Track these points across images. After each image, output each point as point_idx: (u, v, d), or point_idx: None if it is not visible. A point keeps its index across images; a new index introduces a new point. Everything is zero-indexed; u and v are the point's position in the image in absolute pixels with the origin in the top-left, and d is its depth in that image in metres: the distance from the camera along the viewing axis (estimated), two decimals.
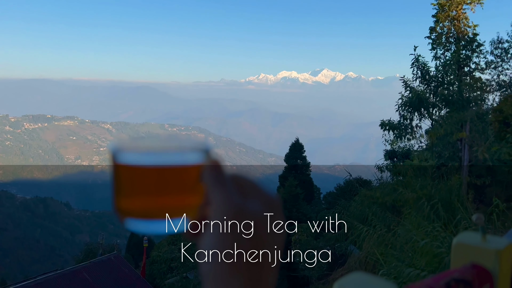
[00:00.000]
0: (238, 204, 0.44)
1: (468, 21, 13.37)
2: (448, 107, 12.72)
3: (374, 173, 14.42)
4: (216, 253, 0.43)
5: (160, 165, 0.47)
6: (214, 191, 0.46)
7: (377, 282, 0.64)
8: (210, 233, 0.44)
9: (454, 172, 11.91)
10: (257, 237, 0.44)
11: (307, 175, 30.61)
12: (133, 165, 0.47)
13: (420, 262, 4.96)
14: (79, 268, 18.21)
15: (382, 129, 13.20)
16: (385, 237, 7.46)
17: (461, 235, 0.90)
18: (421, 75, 13.04)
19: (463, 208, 6.95)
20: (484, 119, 13.19)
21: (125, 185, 0.48)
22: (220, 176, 0.46)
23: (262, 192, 0.47)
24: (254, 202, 0.46)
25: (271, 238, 0.45)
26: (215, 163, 0.47)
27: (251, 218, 0.44)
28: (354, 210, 10.40)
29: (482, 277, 0.81)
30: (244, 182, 0.48)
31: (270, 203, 0.47)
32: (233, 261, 0.43)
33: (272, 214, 0.46)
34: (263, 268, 0.44)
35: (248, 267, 0.43)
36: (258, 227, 0.44)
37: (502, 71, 17.10)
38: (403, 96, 13.14)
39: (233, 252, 0.43)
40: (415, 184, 8.96)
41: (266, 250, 0.45)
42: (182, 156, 0.47)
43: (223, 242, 0.43)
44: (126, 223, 0.48)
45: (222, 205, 0.44)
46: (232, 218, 0.43)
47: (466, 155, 12.32)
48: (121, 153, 0.47)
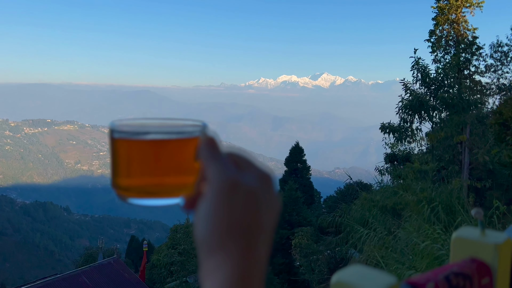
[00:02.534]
0: (233, 176, 0.46)
1: (468, 24, 13.41)
2: (448, 110, 12.72)
3: (374, 176, 14.40)
4: (211, 221, 0.44)
5: (156, 139, 0.48)
6: (210, 165, 0.47)
7: (376, 274, 0.64)
8: (205, 203, 0.45)
9: (455, 175, 11.89)
10: (252, 208, 0.45)
11: (307, 178, 30.59)
12: (130, 139, 0.48)
13: (421, 264, 4.95)
14: (79, 272, 18.15)
15: (383, 132, 13.20)
16: (386, 240, 7.43)
17: (460, 229, 0.90)
18: (421, 78, 13.04)
19: (463, 211, 6.93)
20: (484, 122, 13.19)
21: (122, 161, 0.49)
22: (215, 151, 0.48)
23: (257, 167, 0.48)
24: (249, 176, 0.47)
25: (265, 210, 0.46)
26: (210, 139, 0.49)
27: (246, 190, 0.45)
28: (355, 214, 10.37)
29: (481, 271, 0.81)
30: (239, 157, 0.49)
31: (265, 177, 0.48)
32: (228, 229, 0.44)
33: (266, 187, 0.47)
34: (259, 237, 0.45)
35: (243, 235, 0.44)
36: (252, 199, 0.45)
37: (502, 74, 17.10)
38: (404, 99, 13.14)
39: (228, 221, 0.44)
40: (415, 187, 8.93)
41: (261, 220, 0.46)
42: (178, 131, 0.49)
43: (218, 211, 0.44)
44: (123, 200, 0.50)
45: (218, 177, 0.46)
46: (227, 189, 0.45)
47: (466, 158, 12.31)
48: (118, 128, 0.48)
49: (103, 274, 18.42)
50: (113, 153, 0.49)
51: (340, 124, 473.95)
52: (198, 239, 0.45)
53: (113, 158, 0.49)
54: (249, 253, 0.44)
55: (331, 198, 28.81)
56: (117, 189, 0.49)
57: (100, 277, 18.09)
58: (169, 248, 21.04)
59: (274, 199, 0.48)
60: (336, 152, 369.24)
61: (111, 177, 0.50)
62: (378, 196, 10.16)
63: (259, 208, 0.46)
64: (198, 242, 0.45)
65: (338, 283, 0.62)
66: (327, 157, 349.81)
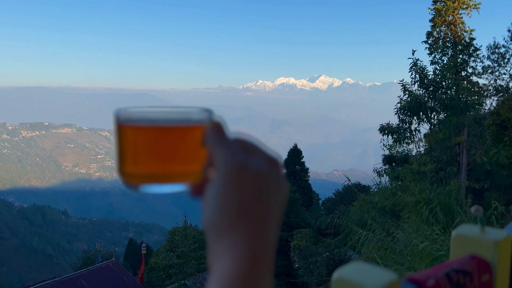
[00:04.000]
0: (241, 159, 0.46)
1: (465, 26, 13.47)
2: (447, 111, 12.75)
3: (372, 178, 14.41)
4: (220, 204, 0.44)
5: (163, 126, 0.48)
6: (217, 150, 0.47)
7: (377, 271, 0.63)
8: (214, 187, 0.45)
9: (453, 176, 11.90)
10: (260, 191, 0.45)
11: (306, 181, 30.58)
12: (137, 125, 0.48)
13: (420, 265, 4.95)
14: (77, 275, 18.07)
15: (381, 133, 13.21)
16: (385, 241, 7.42)
17: (460, 227, 0.90)
18: (419, 79, 13.08)
19: (462, 212, 6.93)
20: (481, 123, 13.22)
21: (129, 148, 0.49)
22: (222, 136, 0.48)
23: (265, 152, 0.48)
24: (257, 160, 0.47)
25: (274, 194, 0.46)
26: (217, 124, 0.49)
27: (254, 173, 0.45)
28: (353, 215, 10.36)
29: (481, 268, 0.82)
30: (247, 142, 0.49)
31: (273, 161, 0.48)
32: (238, 211, 0.44)
33: (274, 172, 0.47)
34: (268, 220, 0.45)
35: (253, 217, 0.44)
36: (261, 182, 0.45)
37: (499, 76, 17.13)
38: (402, 100, 13.16)
39: (237, 203, 0.44)
40: (414, 189, 8.93)
41: (270, 204, 0.45)
42: (185, 118, 0.49)
43: (227, 194, 0.44)
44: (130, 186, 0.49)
45: (225, 161, 0.45)
46: (235, 173, 0.45)
47: (464, 159, 12.33)
48: (125, 115, 0.48)
49: (102, 277, 18.35)
50: (119, 140, 0.49)
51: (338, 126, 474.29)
52: (207, 223, 0.45)
53: (120, 145, 0.49)
54: (259, 235, 0.44)
55: (329, 200, 28.84)
56: (123, 176, 0.49)
57: (99, 280, 18.02)
58: (167, 251, 20.98)
59: (282, 184, 0.48)
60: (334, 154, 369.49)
61: (117, 164, 0.49)
62: (376, 198, 10.15)
63: (267, 191, 0.45)
64: (207, 226, 0.45)
65: (339, 280, 0.62)
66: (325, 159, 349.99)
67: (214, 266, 0.43)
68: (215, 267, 0.43)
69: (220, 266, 0.42)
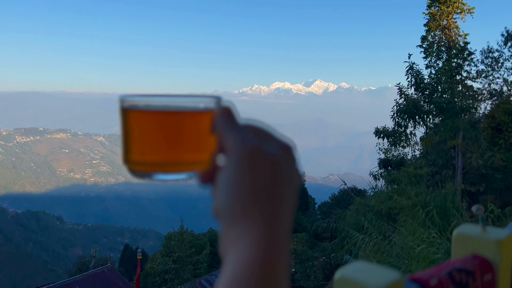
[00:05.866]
0: (254, 143, 0.44)
1: (459, 30, 13.58)
2: (442, 114, 12.83)
3: (368, 182, 14.43)
4: (234, 189, 0.42)
5: (171, 111, 0.47)
6: (228, 135, 0.45)
7: (379, 270, 0.63)
8: (226, 172, 0.44)
9: (448, 180, 11.94)
10: (274, 176, 0.43)
11: (302, 185, 30.62)
12: (144, 110, 0.46)
13: (417, 268, 4.95)
14: (71, 281, 17.93)
15: (377, 137, 13.25)
16: (381, 245, 7.43)
17: (461, 226, 0.90)
18: (415, 83, 13.16)
19: (458, 214, 6.95)
20: (476, 127, 13.31)
21: (135, 134, 0.47)
22: (233, 121, 0.47)
23: (277, 137, 0.47)
24: (270, 144, 0.45)
25: (287, 180, 0.44)
26: (227, 109, 0.47)
27: (268, 157, 0.43)
28: (349, 219, 10.36)
29: (483, 267, 0.81)
30: (259, 128, 0.47)
31: (286, 147, 0.46)
32: (252, 196, 0.42)
33: (288, 157, 0.46)
34: (282, 206, 0.43)
35: (267, 202, 0.42)
36: (275, 166, 0.43)
37: (493, 80, 17.28)
38: (398, 103, 13.23)
39: (251, 187, 0.42)
40: (410, 192, 8.95)
41: (284, 189, 0.44)
42: (193, 104, 0.47)
43: (240, 178, 0.42)
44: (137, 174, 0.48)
45: (238, 145, 0.44)
46: (248, 156, 0.43)
47: (460, 163, 12.38)
48: (132, 100, 0.47)
49: (97, 282, 18.21)
50: (125, 126, 0.47)
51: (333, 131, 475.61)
52: (219, 209, 0.43)
53: (125, 132, 0.47)
54: (275, 220, 0.42)
55: (325, 204, 28.83)
56: (129, 164, 0.47)
57: (94, 286, 17.87)
58: (163, 256, 20.87)
59: (296, 169, 0.46)
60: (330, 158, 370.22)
61: (123, 152, 0.48)
62: (373, 201, 10.16)
63: (282, 176, 0.44)
64: (219, 213, 0.43)
65: (342, 279, 0.61)
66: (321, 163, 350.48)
67: (228, 254, 0.41)
68: (229, 255, 0.41)
69: (235, 253, 0.40)
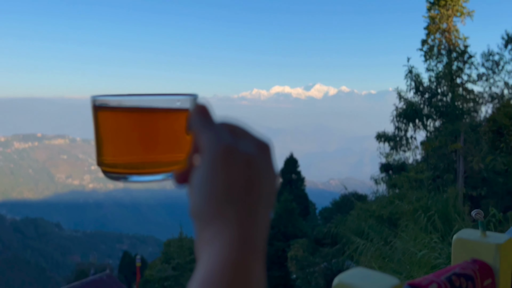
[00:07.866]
0: (229, 142, 0.42)
1: (459, 33, 13.56)
2: (443, 118, 12.77)
3: (369, 187, 14.36)
4: (207, 189, 0.41)
5: (144, 108, 0.45)
6: (203, 134, 0.44)
7: (378, 276, 0.63)
8: (200, 172, 0.42)
9: (450, 184, 11.87)
10: (249, 175, 0.42)
11: (302, 190, 30.48)
12: (116, 110, 0.45)
13: (419, 273, 4.90)
14: None
15: (378, 141, 13.19)
16: (383, 250, 7.37)
17: (461, 231, 0.91)
18: (414, 86, 13.13)
19: (460, 219, 6.89)
20: (477, 130, 13.26)
21: (107, 135, 0.45)
22: (208, 120, 0.45)
23: (254, 135, 0.45)
24: (246, 143, 0.44)
25: (263, 178, 0.43)
26: (202, 107, 0.46)
27: (242, 156, 0.42)
28: (351, 224, 10.30)
29: (483, 272, 0.82)
30: (235, 126, 0.45)
31: (263, 145, 0.45)
32: (225, 196, 0.40)
33: (264, 155, 0.44)
34: (257, 205, 0.42)
35: (241, 202, 0.41)
36: (250, 166, 0.42)
37: (494, 83, 17.23)
38: (398, 107, 13.19)
39: (224, 187, 0.41)
40: (411, 196, 8.91)
41: (260, 189, 0.42)
42: (168, 102, 0.46)
43: (213, 178, 0.41)
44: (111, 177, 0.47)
45: (212, 145, 0.42)
46: (222, 156, 0.41)
47: (461, 167, 12.30)
48: (103, 100, 0.46)
49: None
50: (97, 127, 0.45)
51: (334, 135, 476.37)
52: (194, 210, 0.42)
53: (97, 133, 0.45)
54: (249, 221, 0.40)
55: (326, 209, 28.70)
56: (102, 166, 0.46)
57: None
58: (162, 263, 20.72)
59: (272, 168, 0.45)
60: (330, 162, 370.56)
61: (96, 154, 0.45)
62: (374, 206, 10.10)
63: (257, 176, 0.42)
64: (194, 214, 0.42)
65: (340, 285, 0.63)
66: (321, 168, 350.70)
67: (201, 255, 0.40)
68: (202, 256, 0.40)
69: (208, 254, 0.39)
